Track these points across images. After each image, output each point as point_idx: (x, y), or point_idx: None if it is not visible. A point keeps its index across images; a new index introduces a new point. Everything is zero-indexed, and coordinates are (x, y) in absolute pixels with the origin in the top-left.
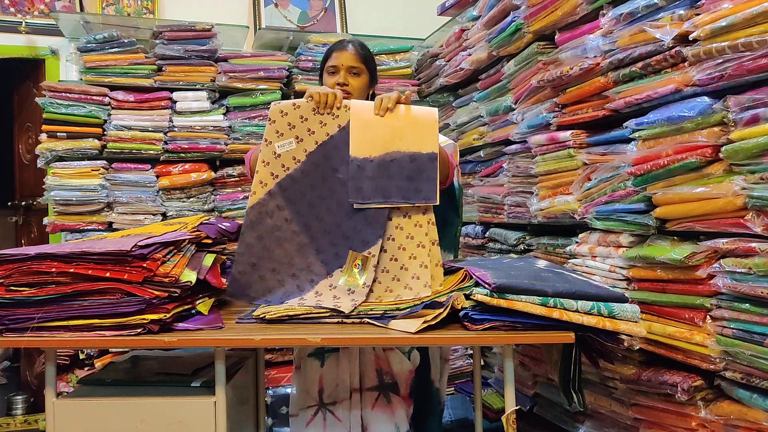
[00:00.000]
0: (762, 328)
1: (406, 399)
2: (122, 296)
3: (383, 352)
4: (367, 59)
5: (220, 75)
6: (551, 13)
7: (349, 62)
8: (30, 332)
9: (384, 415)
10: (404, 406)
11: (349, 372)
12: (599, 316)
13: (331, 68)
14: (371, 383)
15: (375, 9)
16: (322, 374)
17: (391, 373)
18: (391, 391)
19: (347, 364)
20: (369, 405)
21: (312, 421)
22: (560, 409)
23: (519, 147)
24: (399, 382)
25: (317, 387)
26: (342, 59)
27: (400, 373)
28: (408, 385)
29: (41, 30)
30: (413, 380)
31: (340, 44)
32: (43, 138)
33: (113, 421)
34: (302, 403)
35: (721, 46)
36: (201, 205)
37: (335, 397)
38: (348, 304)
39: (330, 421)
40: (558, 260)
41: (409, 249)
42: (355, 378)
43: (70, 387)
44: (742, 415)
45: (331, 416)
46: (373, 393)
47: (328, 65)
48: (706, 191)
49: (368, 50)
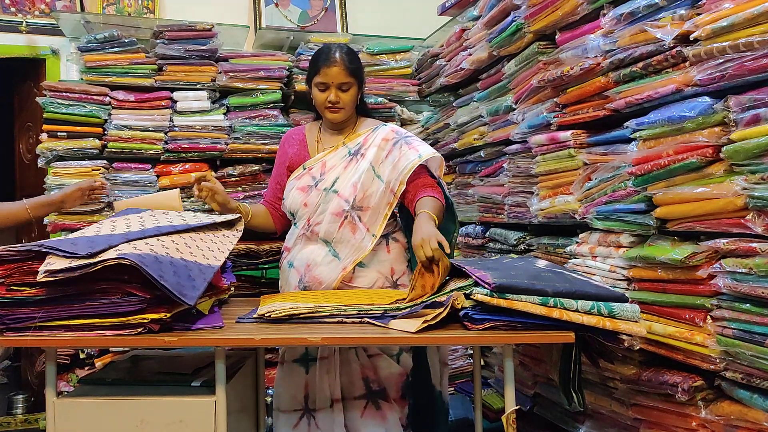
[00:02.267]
0: (762, 329)
1: (398, 401)
2: (123, 295)
3: (368, 360)
4: (356, 72)
5: (220, 75)
6: (552, 13)
7: (338, 79)
8: (31, 332)
9: (374, 421)
10: (396, 409)
11: (328, 381)
12: (599, 316)
13: (320, 85)
14: (358, 392)
15: (375, 9)
16: (307, 380)
17: (379, 380)
18: (380, 397)
19: (326, 373)
20: (357, 414)
21: (298, 425)
22: (560, 409)
23: (519, 147)
24: (388, 387)
25: (303, 392)
26: (331, 76)
27: (389, 377)
28: (399, 388)
29: (42, 30)
30: (405, 383)
31: (327, 58)
32: (44, 137)
33: (113, 420)
34: (288, 405)
35: (722, 46)
36: (201, 205)
37: (319, 405)
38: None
39: (314, 428)
40: (558, 260)
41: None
42: (335, 389)
43: (71, 386)
44: (743, 415)
45: (314, 422)
46: (361, 402)
47: (318, 81)
48: (707, 191)
49: (357, 60)
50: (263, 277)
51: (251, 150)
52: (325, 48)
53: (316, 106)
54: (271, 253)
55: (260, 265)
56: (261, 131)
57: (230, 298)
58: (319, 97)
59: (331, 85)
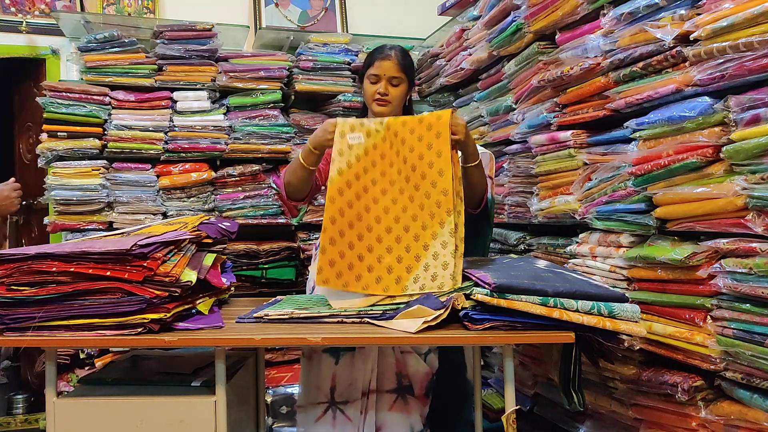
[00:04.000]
0: (762, 329)
1: (421, 399)
2: (123, 295)
3: (401, 355)
4: (407, 68)
5: (220, 75)
6: (552, 13)
7: (390, 72)
8: (30, 331)
9: (401, 416)
10: (419, 406)
11: (363, 372)
12: (599, 316)
13: (372, 77)
14: (390, 386)
15: (375, 9)
16: (335, 371)
17: (408, 376)
18: (408, 392)
19: (362, 364)
20: (386, 407)
21: (322, 418)
22: (560, 409)
23: (519, 147)
24: (414, 384)
25: (329, 384)
26: (384, 69)
27: (416, 374)
28: (423, 386)
29: (42, 30)
30: (430, 382)
31: (382, 52)
32: (44, 138)
33: (113, 420)
34: (312, 398)
35: (722, 46)
36: (201, 205)
37: (347, 397)
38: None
39: (340, 420)
40: (558, 260)
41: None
42: (371, 379)
43: (71, 386)
44: (743, 415)
45: (342, 415)
46: (392, 395)
47: (370, 72)
48: (707, 191)
49: (410, 58)
50: (263, 277)
51: (251, 150)
52: (381, 45)
53: (365, 98)
54: (271, 253)
55: (260, 265)
56: (261, 131)
57: (230, 298)
58: (370, 89)
59: (382, 78)
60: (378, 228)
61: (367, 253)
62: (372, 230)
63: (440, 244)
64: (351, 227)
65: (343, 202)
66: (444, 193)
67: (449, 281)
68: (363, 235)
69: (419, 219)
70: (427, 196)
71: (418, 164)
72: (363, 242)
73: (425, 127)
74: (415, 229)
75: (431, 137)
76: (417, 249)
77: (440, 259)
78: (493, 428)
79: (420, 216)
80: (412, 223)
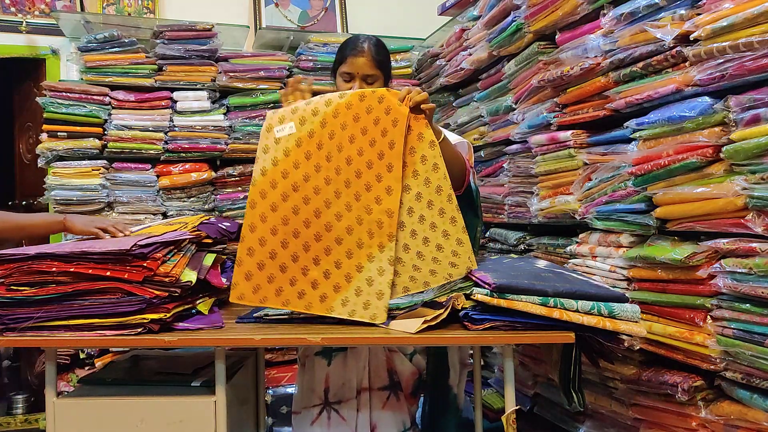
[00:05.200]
0: (762, 329)
1: (408, 398)
2: (122, 296)
3: (389, 353)
4: (382, 63)
5: (220, 75)
6: (552, 12)
7: (364, 70)
8: (30, 332)
9: (393, 413)
10: (408, 404)
11: (356, 371)
12: (599, 316)
13: (345, 75)
14: (382, 383)
15: (375, 9)
16: (329, 373)
17: (398, 373)
18: (399, 389)
19: (355, 364)
20: (380, 404)
21: (317, 420)
22: (560, 409)
23: (519, 147)
24: (401, 381)
25: (323, 386)
26: (357, 66)
27: (402, 372)
28: (409, 385)
29: (42, 30)
30: (417, 382)
31: (354, 48)
32: (44, 138)
33: (113, 420)
34: (306, 402)
35: (722, 46)
36: (201, 205)
37: (341, 396)
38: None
39: (335, 421)
40: (558, 260)
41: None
42: (363, 378)
43: (71, 386)
44: (743, 415)
45: (336, 415)
46: (385, 392)
47: (342, 70)
48: (707, 191)
49: (385, 50)
50: None
51: (251, 150)
52: (354, 37)
53: None
54: None
55: None
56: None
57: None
58: (343, 87)
59: (356, 76)
60: (306, 233)
61: (291, 263)
62: (299, 236)
63: (377, 269)
64: (274, 233)
65: (265, 205)
66: (389, 214)
67: (383, 313)
68: (288, 241)
69: (355, 233)
70: (368, 211)
71: (363, 170)
72: (287, 250)
73: (372, 120)
74: (348, 243)
75: (378, 136)
76: (348, 267)
77: (375, 287)
78: (493, 428)
79: (356, 230)
80: (346, 236)
